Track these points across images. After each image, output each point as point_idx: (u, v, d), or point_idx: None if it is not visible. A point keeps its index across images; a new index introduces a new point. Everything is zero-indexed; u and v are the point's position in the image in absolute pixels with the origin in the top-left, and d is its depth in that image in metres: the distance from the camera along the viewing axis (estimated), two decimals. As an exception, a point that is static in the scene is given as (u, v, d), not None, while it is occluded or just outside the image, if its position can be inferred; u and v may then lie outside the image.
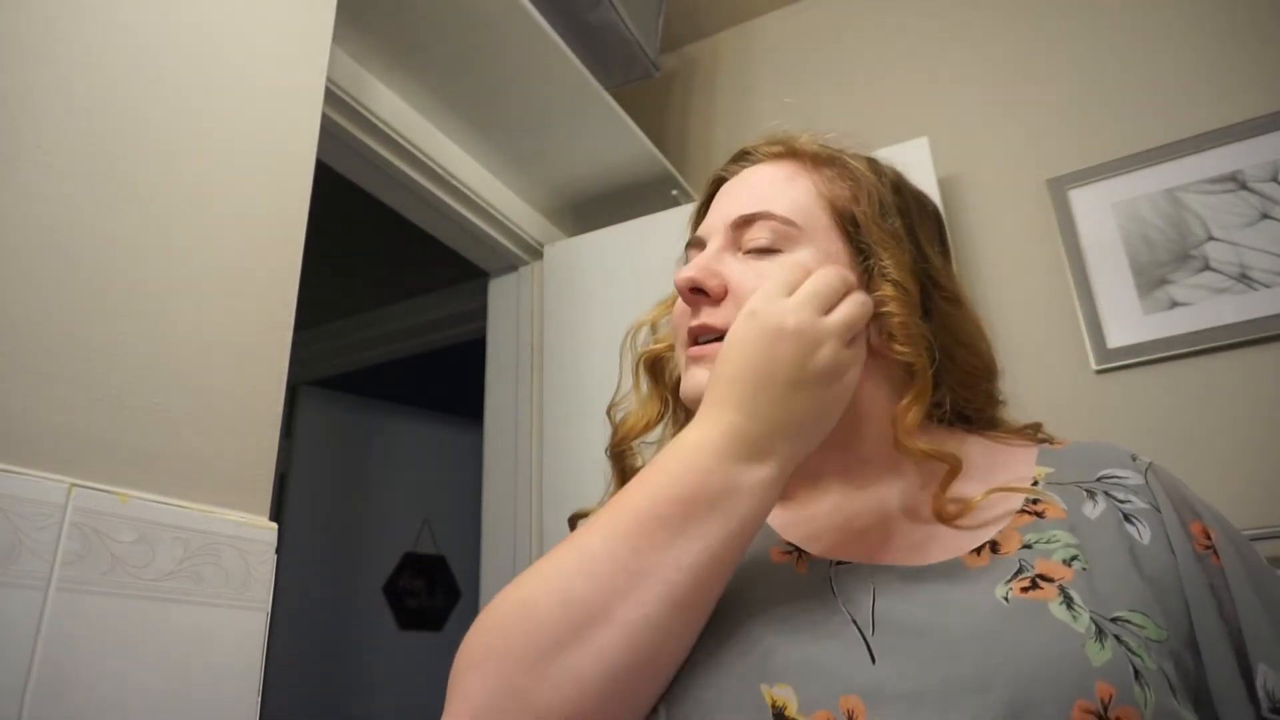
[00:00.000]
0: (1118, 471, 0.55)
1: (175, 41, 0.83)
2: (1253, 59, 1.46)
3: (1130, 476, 0.55)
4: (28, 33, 0.70)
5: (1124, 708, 0.41)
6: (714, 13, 2.09)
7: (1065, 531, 0.51)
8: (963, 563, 0.51)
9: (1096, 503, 0.53)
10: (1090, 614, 0.45)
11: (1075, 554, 0.49)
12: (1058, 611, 0.45)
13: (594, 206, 1.85)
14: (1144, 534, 0.51)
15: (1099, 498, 0.53)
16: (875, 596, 0.50)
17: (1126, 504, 0.53)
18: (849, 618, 0.49)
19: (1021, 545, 0.51)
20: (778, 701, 0.45)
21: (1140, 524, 0.51)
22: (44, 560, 0.62)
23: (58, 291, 0.69)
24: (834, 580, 0.52)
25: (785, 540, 0.57)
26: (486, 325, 1.86)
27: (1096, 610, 0.46)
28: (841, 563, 0.54)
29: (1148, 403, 1.35)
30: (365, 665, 2.40)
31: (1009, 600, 0.47)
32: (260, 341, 0.85)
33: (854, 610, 0.49)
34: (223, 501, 0.77)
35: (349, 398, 2.58)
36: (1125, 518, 0.52)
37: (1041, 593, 0.47)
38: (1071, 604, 0.46)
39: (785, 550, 0.56)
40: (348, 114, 1.37)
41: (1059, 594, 0.46)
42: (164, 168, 0.79)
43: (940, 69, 1.77)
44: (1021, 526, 0.53)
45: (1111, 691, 0.41)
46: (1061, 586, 0.47)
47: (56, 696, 0.61)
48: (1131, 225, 1.45)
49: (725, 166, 0.69)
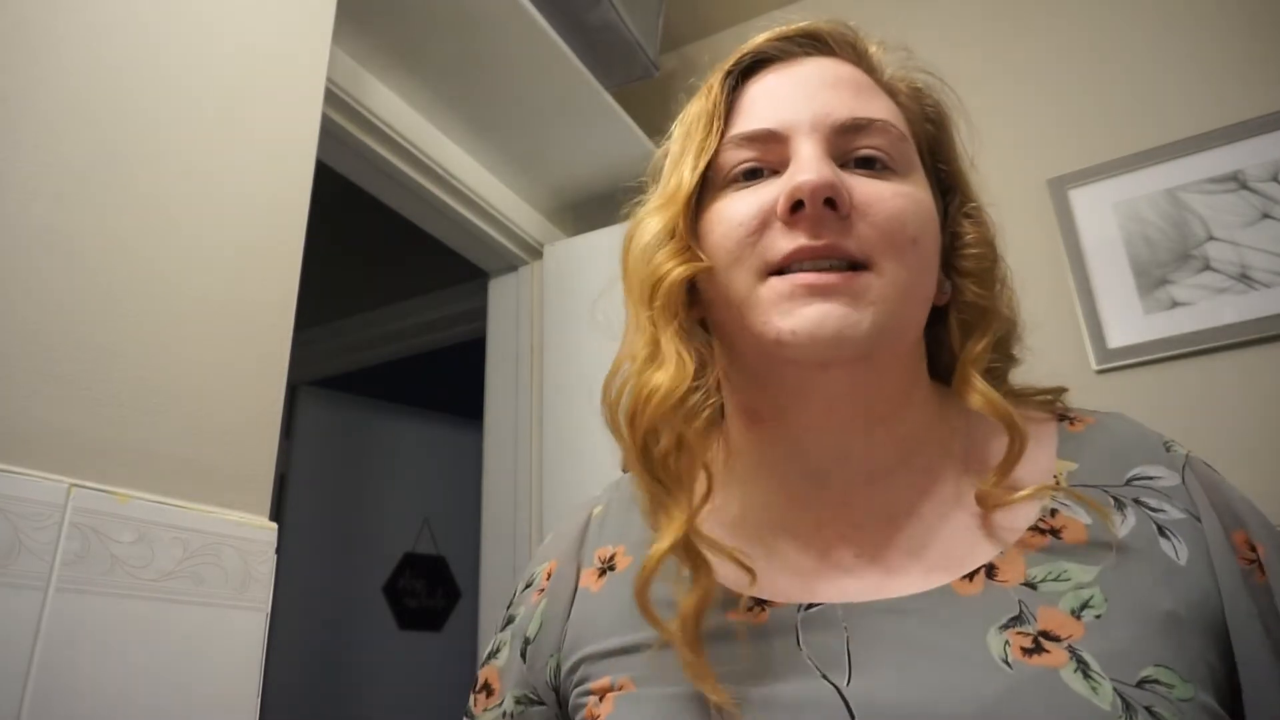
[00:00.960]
0: (1149, 470, 0.47)
1: (175, 42, 0.82)
2: (1253, 59, 1.46)
3: (1164, 476, 0.47)
4: (28, 33, 0.70)
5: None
6: (714, 13, 2.09)
7: (1079, 565, 0.43)
8: (953, 591, 0.44)
9: (1126, 516, 0.45)
10: (1112, 683, 0.38)
11: (1088, 599, 0.42)
12: (1073, 682, 0.38)
13: (594, 206, 1.85)
14: (1181, 552, 0.44)
15: (1129, 509, 0.46)
16: (849, 643, 0.43)
17: (1160, 513, 0.45)
18: (819, 674, 0.42)
19: (1023, 582, 0.43)
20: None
21: (1176, 539, 0.44)
22: (44, 560, 0.62)
23: (57, 291, 0.68)
24: (800, 630, 0.45)
25: (745, 597, 0.47)
26: (486, 325, 1.86)
27: (1118, 676, 0.39)
28: (811, 605, 0.46)
29: (1148, 403, 1.35)
30: (365, 665, 2.40)
31: (1011, 665, 0.40)
32: (260, 341, 0.85)
33: (825, 664, 0.43)
34: (223, 501, 0.77)
35: (349, 398, 2.58)
36: (1159, 530, 0.45)
37: (1049, 657, 0.39)
38: (1088, 671, 0.39)
39: (746, 606, 0.47)
40: (348, 114, 1.37)
41: (1069, 658, 0.39)
42: (164, 168, 0.79)
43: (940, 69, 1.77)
44: (1030, 554, 0.45)
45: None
46: (1071, 647, 0.40)
47: (56, 697, 0.61)
48: (1132, 225, 1.45)
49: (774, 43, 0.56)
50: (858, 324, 0.45)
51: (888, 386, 0.50)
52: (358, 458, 2.56)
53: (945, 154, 0.56)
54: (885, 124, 0.50)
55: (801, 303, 0.45)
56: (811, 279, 0.45)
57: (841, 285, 0.45)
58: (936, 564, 0.45)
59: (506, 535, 1.66)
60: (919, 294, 0.49)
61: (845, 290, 0.45)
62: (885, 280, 0.46)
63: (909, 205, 0.48)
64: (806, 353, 0.46)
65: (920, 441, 0.51)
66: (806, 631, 0.45)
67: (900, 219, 0.47)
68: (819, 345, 0.45)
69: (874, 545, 0.48)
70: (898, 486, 0.50)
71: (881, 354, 0.48)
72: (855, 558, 0.48)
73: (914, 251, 0.48)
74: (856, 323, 0.45)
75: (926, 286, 0.50)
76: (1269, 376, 1.29)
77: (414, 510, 2.66)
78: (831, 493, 0.50)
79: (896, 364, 0.50)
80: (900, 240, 0.47)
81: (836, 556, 0.48)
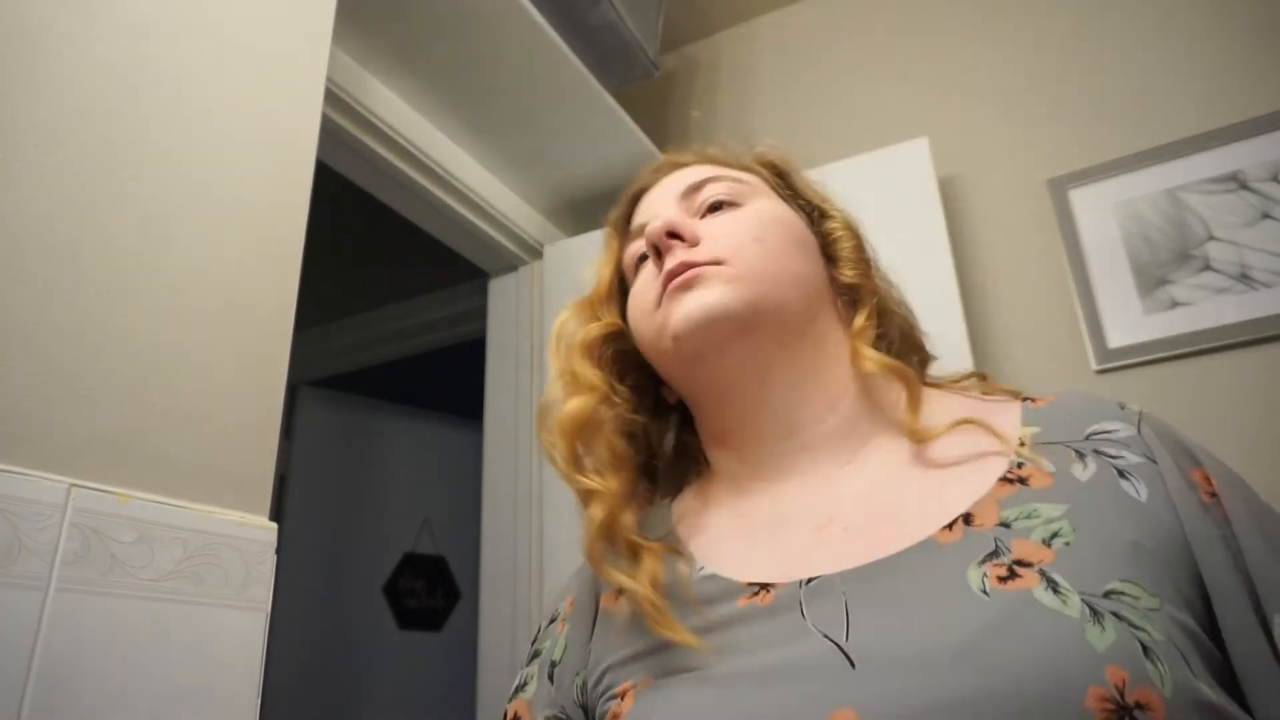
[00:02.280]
0: (1107, 425, 0.52)
1: (175, 43, 0.82)
2: (1253, 59, 1.46)
3: (1120, 429, 0.51)
4: (28, 33, 0.70)
5: (1142, 691, 0.38)
6: (714, 13, 2.09)
7: (1048, 504, 0.47)
8: (935, 541, 0.48)
9: (1087, 464, 0.49)
10: (1079, 595, 0.42)
11: (1057, 530, 0.46)
12: (1044, 598, 0.42)
13: (594, 206, 1.85)
14: (1141, 491, 0.47)
15: (1089, 458, 0.50)
16: (848, 604, 0.47)
17: (1119, 459, 0.49)
18: (820, 634, 0.46)
19: (998, 523, 0.47)
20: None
21: (1136, 480, 0.48)
22: (44, 560, 0.62)
23: (57, 292, 0.68)
24: (803, 603, 0.49)
25: (744, 584, 0.52)
26: (486, 325, 1.86)
27: (1084, 589, 0.42)
28: (811, 580, 0.50)
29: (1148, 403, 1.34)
30: (365, 665, 2.40)
31: (989, 593, 0.43)
32: (260, 341, 0.85)
33: (826, 626, 0.46)
34: (223, 501, 0.77)
35: (349, 398, 2.58)
36: (1120, 474, 0.48)
37: (1021, 581, 0.43)
38: (1057, 588, 0.42)
39: (751, 594, 0.51)
40: (348, 114, 1.37)
41: (1040, 579, 0.43)
42: (164, 168, 0.79)
43: (940, 69, 1.77)
44: (1002, 499, 0.49)
45: (1124, 676, 0.38)
46: (1041, 570, 0.43)
47: (56, 697, 0.61)
48: (1132, 225, 1.45)
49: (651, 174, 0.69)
50: (720, 297, 0.55)
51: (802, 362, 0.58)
52: (358, 458, 2.56)
53: (796, 187, 0.67)
54: (715, 177, 0.63)
55: (674, 304, 0.57)
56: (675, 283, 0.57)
57: (695, 276, 0.56)
58: (917, 523, 0.50)
59: (506, 535, 1.65)
60: (782, 275, 0.58)
61: (700, 278, 0.56)
62: (735, 268, 0.56)
63: (748, 218, 0.60)
64: (695, 340, 0.56)
65: (873, 422, 0.58)
66: (809, 603, 0.48)
67: (739, 230, 0.59)
68: (696, 326, 0.55)
69: (859, 518, 0.52)
70: (871, 465, 0.56)
71: (767, 327, 0.56)
72: (844, 530, 0.52)
73: (758, 246, 0.58)
74: (719, 296, 0.55)
75: (792, 267, 0.59)
76: (1269, 376, 1.29)
77: (414, 510, 2.66)
78: (812, 481, 0.57)
79: (799, 342, 0.58)
80: (741, 241, 0.58)
81: (827, 534, 0.53)
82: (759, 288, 0.56)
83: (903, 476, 0.54)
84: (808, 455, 0.57)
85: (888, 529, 0.50)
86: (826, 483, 0.56)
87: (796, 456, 0.58)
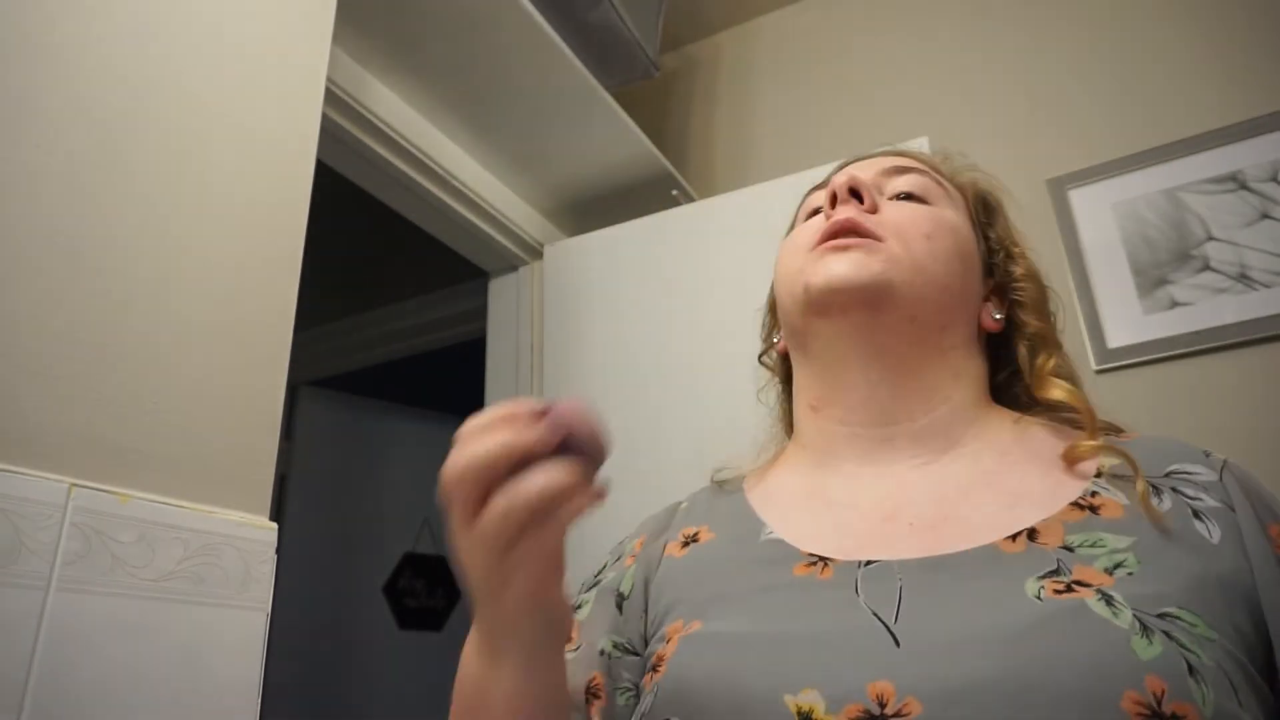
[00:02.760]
0: (1189, 467, 0.51)
1: (176, 43, 0.83)
2: (1253, 59, 1.46)
3: (1202, 473, 0.51)
4: (29, 33, 0.70)
5: (1179, 704, 0.38)
6: (714, 13, 2.09)
7: (1115, 535, 0.48)
8: (998, 549, 0.49)
9: (1163, 500, 0.49)
10: (1133, 611, 0.42)
11: (1121, 560, 0.46)
12: (1097, 608, 0.42)
13: (594, 206, 1.85)
14: (1214, 533, 0.47)
15: (1165, 495, 0.50)
16: (902, 590, 0.48)
17: (1197, 501, 0.49)
18: (870, 612, 0.47)
19: (1062, 545, 0.48)
20: (803, 708, 0.43)
21: (1210, 522, 0.48)
22: (44, 560, 0.62)
23: (58, 291, 0.69)
24: (859, 581, 0.50)
25: (805, 553, 0.54)
26: (486, 325, 1.86)
27: (1140, 607, 0.42)
28: (870, 562, 0.51)
29: (1148, 403, 1.35)
30: (365, 665, 2.40)
31: (1042, 599, 0.44)
32: (260, 341, 0.85)
33: (877, 605, 0.47)
34: (223, 501, 0.77)
35: (349, 398, 2.58)
36: (1195, 515, 0.48)
37: (1077, 595, 0.43)
38: (1112, 602, 0.42)
39: (810, 563, 0.53)
40: (348, 114, 1.37)
41: (1097, 594, 0.43)
42: (164, 168, 0.79)
43: (940, 69, 1.77)
44: (1069, 523, 0.49)
45: (1164, 686, 0.38)
46: (1100, 589, 0.44)
47: (57, 696, 0.61)
48: (1131, 225, 1.45)
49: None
50: (866, 265, 0.57)
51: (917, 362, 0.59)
52: (358, 458, 2.56)
53: (994, 223, 0.69)
54: (920, 170, 0.65)
55: (823, 259, 0.58)
56: (832, 243, 0.58)
57: (854, 244, 0.58)
58: (982, 529, 0.50)
59: (506, 535, 1.65)
60: (935, 278, 0.59)
61: (856, 248, 0.58)
62: (895, 252, 0.58)
63: (929, 215, 0.61)
64: (825, 297, 0.58)
65: (965, 430, 0.59)
66: (865, 583, 0.50)
67: (916, 220, 0.60)
68: (833, 287, 0.57)
69: (927, 516, 0.53)
70: (948, 471, 0.57)
71: (896, 314, 0.57)
72: (909, 526, 0.53)
73: (927, 243, 0.59)
74: (865, 264, 0.57)
75: (946, 276, 0.60)
76: (1269, 376, 1.29)
77: (414, 510, 2.65)
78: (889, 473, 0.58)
79: (921, 344, 0.59)
80: (913, 233, 0.59)
81: (893, 526, 0.54)
82: (905, 277, 0.57)
83: (976, 486, 0.55)
84: (890, 448, 0.59)
85: (953, 530, 0.51)
86: (902, 478, 0.57)
87: (880, 446, 0.59)
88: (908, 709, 0.41)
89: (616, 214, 1.78)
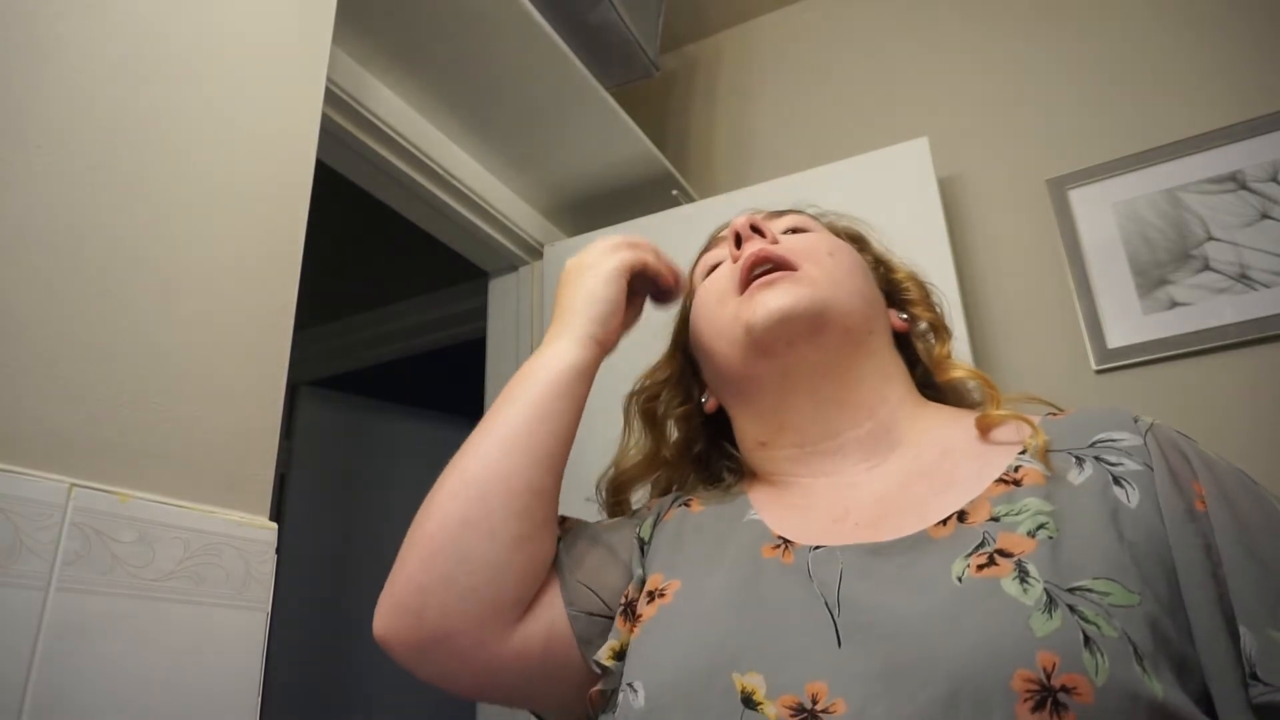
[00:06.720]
0: (1114, 434, 0.54)
1: (176, 43, 0.83)
2: (1253, 59, 1.46)
3: (1127, 438, 0.53)
4: (29, 32, 0.70)
5: (1070, 675, 0.41)
6: (714, 13, 2.09)
7: (1039, 499, 0.51)
8: (927, 535, 0.52)
9: (1084, 469, 0.52)
10: (1044, 584, 0.45)
11: (1044, 522, 0.49)
12: (1009, 587, 0.45)
13: (594, 206, 1.85)
14: (1132, 497, 0.50)
15: (1088, 464, 0.53)
16: (842, 576, 0.52)
17: (1118, 466, 0.52)
18: (823, 600, 0.51)
19: (989, 518, 0.51)
20: (746, 688, 0.47)
21: (1129, 486, 0.50)
22: (44, 560, 0.62)
23: (58, 291, 0.69)
24: (810, 565, 0.54)
25: (776, 535, 0.59)
26: (486, 325, 1.86)
27: (1054, 580, 0.45)
28: (817, 547, 0.55)
29: (1148, 403, 1.35)
30: (365, 665, 2.40)
31: (963, 580, 0.47)
32: (260, 341, 0.85)
33: (826, 592, 0.51)
34: (223, 501, 0.77)
35: (349, 398, 2.58)
36: (1115, 480, 0.51)
37: (996, 569, 0.46)
38: (1026, 578, 0.45)
39: (775, 545, 0.58)
40: (348, 114, 1.37)
41: (1014, 569, 0.46)
42: (164, 168, 0.79)
43: (940, 69, 1.77)
44: (995, 497, 0.52)
45: (1055, 660, 0.41)
46: (1019, 561, 0.47)
47: (57, 696, 0.61)
48: (1131, 225, 1.45)
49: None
50: (797, 293, 0.62)
51: (855, 371, 0.64)
52: (358, 458, 2.56)
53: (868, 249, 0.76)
54: (795, 211, 0.74)
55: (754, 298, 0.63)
56: (759, 281, 0.63)
57: (779, 278, 0.63)
58: (915, 519, 0.54)
59: (506, 535, 1.65)
60: (851, 288, 0.65)
61: (782, 280, 0.63)
62: (813, 274, 0.63)
63: (823, 239, 0.69)
64: (770, 333, 0.61)
65: (909, 428, 0.63)
66: (814, 566, 0.54)
67: (815, 244, 0.67)
68: (775, 321, 0.61)
69: (870, 514, 0.58)
70: (889, 471, 0.61)
71: (834, 330, 0.62)
72: (855, 525, 0.58)
73: (832, 260, 0.66)
74: (796, 292, 0.62)
75: (858, 287, 0.66)
76: (1269, 376, 1.29)
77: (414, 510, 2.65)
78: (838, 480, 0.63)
79: (856, 351, 0.64)
80: (818, 254, 0.66)
81: (841, 525, 0.58)
82: (832, 293, 0.62)
83: (914, 481, 0.59)
84: (841, 456, 0.63)
85: (890, 523, 0.55)
86: (850, 483, 0.62)
87: (831, 457, 0.64)
88: (835, 709, 0.44)
89: (616, 214, 1.78)
